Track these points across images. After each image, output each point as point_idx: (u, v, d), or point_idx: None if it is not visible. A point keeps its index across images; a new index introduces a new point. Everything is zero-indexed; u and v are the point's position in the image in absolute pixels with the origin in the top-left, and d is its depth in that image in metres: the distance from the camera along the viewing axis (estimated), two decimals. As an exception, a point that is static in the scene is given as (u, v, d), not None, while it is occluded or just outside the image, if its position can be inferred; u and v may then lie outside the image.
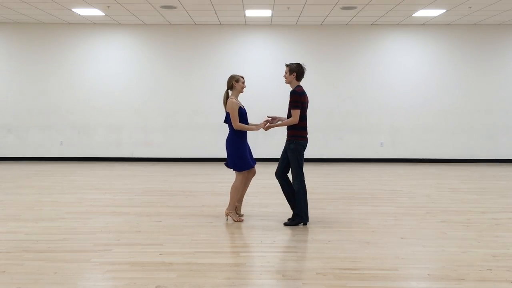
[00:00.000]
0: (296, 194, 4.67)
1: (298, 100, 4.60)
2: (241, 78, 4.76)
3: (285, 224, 4.68)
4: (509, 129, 10.35)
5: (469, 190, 6.80)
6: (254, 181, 7.46)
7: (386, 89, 10.33)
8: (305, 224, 4.69)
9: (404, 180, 7.73)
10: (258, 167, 9.52)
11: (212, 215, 5.13)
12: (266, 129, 4.76)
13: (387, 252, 3.81)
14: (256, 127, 4.75)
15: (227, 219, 4.86)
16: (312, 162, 10.32)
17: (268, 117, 4.87)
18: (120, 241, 4.08)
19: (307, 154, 10.36)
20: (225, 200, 5.94)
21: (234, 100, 4.68)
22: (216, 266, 3.46)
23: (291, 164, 4.72)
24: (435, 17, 9.36)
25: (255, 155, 5.00)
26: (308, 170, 9.05)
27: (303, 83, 4.85)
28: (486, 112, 10.34)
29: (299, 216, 4.66)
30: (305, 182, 4.76)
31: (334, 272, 3.34)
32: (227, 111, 4.71)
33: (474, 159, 10.41)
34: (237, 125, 4.64)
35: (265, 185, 7.14)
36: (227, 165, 4.88)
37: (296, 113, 4.56)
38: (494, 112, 10.33)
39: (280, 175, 4.82)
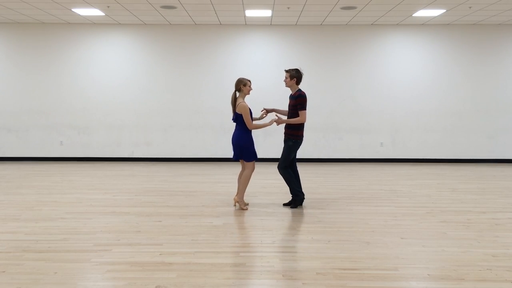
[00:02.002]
0: (286, 180, 5.41)
1: (304, 102, 5.19)
2: (248, 82, 5.26)
3: (291, 207, 5.42)
4: (509, 129, 10.35)
5: (469, 190, 6.80)
6: (254, 181, 7.48)
7: (386, 89, 10.34)
8: (303, 198, 5.49)
9: (404, 180, 7.73)
10: (258, 167, 9.55)
11: (212, 215, 5.14)
12: (278, 123, 5.21)
13: (387, 252, 3.81)
14: (269, 123, 5.19)
15: (235, 205, 5.47)
16: (312, 162, 10.32)
17: (265, 109, 5.44)
18: (120, 241, 4.08)
19: (308, 154, 10.46)
20: (225, 200, 5.95)
21: (245, 103, 5.18)
22: (216, 266, 3.46)
23: (282, 155, 5.33)
24: (435, 17, 9.36)
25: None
26: (309, 170, 9.09)
27: (302, 83, 5.17)
28: (486, 112, 10.34)
29: (297, 195, 5.42)
30: (305, 183, 4.89)
31: (334, 272, 3.34)
32: (239, 112, 5.16)
33: (474, 159, 10.42)
34: (252, 126, 5.21)
35: (265, 185, 7.14)
36: (237, 159, 5.35)
37: (304, 113, 5.17)
38: (494, 112, 10.34)
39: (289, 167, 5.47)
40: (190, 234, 4.32)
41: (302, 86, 5.51)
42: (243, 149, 5.25)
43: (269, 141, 10.19)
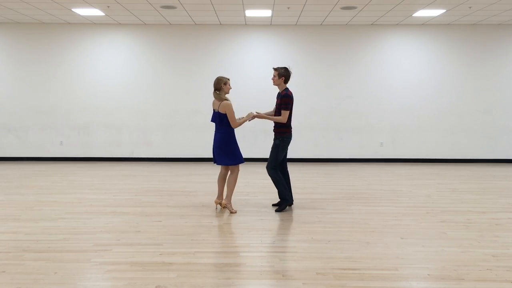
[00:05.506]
0: (274, 183, 5.28)
1: (289, 102, 5.13)
2: (228, 81, 5.14)
3: (276, 211, 5.24)
4: (509, 129, 10.35)
5: (469, 190, 6.80)
6: (254, 181, 7.48)
7: (386, 89, 10.34)
8: (290, 205, 5.38)
9: (404, 180, 7.73)
10: (258, 167, 9.54)
11: (212, 215, 5.14)
12: (257, 117, 5.17)
13: (387, 252, 3.81)
14: (247, 117, 5.13)
15: (216, 208, 5.31)
16: (312, 162, 10.32)
17: (257, 112, 5.24)
18: (120, 241, 4.08)
19: (308, 154, 10.43)
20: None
21: (230, 102, 5.06)
22: (216, 266, 3.46)
23: (270, 155, 5.22)
24: (435, 17, 9.36)
25: (254, 155, 5.29)
26: (308, 170, 9.09)
27: (301, 82, 5.08)
28: (486, 112, 10.34)
29: (285, 199, 5.30)
30: (305, 183, 4.81)
31: (334, 272, 3.34)
32: (222, 111, 5.02)
33: (474, 159, 10.41)
34: (236, 124, 5.05)
35: (265, 185, 7.13)
36: (220, 163, 5.17)
37: (286, 114, 5.10)
38: (494, 112, 10.33)
39: (279, 168, 5.36)
40: (190, 234, 4.32)
41: (303, 85, 5.48)
42: (228, 153, 5.08)
43: (268, 141, 10.16)
